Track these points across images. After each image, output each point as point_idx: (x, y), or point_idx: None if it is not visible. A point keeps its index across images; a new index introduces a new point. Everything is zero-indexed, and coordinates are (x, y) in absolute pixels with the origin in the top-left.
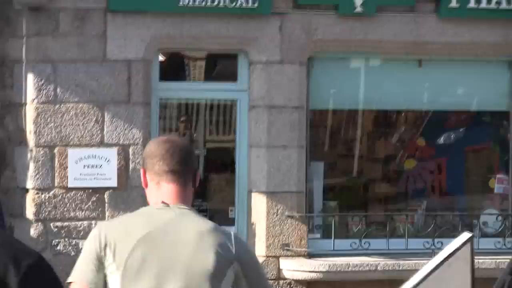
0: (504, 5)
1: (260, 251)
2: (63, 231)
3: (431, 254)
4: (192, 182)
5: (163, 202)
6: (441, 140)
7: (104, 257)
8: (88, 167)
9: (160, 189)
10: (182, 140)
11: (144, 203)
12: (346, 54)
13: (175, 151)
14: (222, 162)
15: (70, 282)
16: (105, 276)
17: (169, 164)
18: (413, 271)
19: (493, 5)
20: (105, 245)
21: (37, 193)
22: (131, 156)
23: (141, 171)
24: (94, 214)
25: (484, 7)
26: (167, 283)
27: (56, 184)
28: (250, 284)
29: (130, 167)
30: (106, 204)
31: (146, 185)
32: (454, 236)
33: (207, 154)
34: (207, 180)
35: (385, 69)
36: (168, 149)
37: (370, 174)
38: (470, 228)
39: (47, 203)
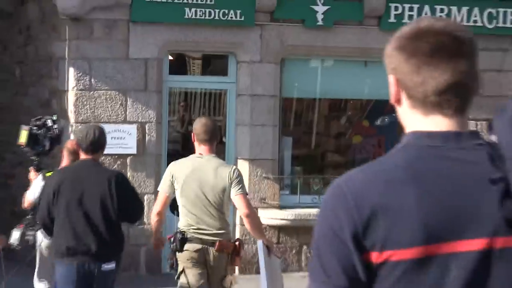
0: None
1: None
2: None
3: None
4: (216, 142)
5: (200, 154)
6: (381, 122)
7: (172, 181)
8: (114, 138)
9: (200, 147)
10: (213, 121)
11: (157, 166)
12: (310, 56)
13: (208, 128)
14: None
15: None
16: (174, 190)
17: (205, 135)
18: None
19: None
20: (173, 175)
21: None
22: (147, 131)
23: (192, 135)
24: None
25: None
26: (204, 191)
27: None
28: (234, 190)
29: (146, 139)
30: (127, 167)
31: (194, 142)
32: None
33: None
34: None
35: (338, 68)
36: (206, 127)
37: (326, 147)
38: None
39: None
